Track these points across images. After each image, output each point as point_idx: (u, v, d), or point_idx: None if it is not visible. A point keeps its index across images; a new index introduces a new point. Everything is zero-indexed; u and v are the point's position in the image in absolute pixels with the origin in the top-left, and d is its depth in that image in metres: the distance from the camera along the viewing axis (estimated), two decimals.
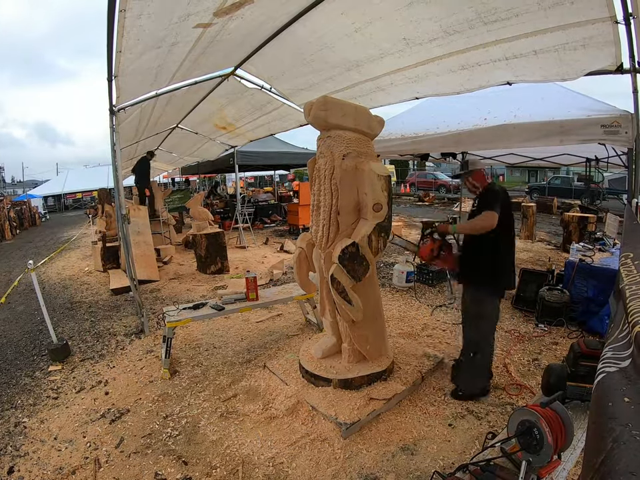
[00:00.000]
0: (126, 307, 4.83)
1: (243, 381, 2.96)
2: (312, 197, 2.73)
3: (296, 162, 11.00)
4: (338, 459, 2.13)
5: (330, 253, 2.57)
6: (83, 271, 6.84)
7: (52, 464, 2.19)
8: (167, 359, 3.07)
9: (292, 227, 10.30)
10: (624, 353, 0.92)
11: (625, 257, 1.58)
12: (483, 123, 3.64)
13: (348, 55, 3.14)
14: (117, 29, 2.09)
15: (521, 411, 1.38)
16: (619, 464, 0.63)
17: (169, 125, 6.39)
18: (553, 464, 1.31)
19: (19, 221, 13.72)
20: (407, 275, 5.15)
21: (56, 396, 2.89)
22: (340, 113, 2.49)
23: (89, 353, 3.59)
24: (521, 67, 2.77)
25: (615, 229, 4.43)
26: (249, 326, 4.07)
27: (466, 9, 2.29)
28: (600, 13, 2.04)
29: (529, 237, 8.16)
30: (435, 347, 3.42)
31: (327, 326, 3.05)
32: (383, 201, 2.45)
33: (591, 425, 0.82)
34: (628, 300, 1.09)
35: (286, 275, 5.92)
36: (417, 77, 3.26)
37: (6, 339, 4.03)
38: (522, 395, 2.68)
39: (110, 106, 3.49)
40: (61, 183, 23.48)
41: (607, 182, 14.17)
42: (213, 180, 17.11)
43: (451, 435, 2.31)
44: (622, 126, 2.70)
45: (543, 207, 12.62)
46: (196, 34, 2.51)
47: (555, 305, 3.78)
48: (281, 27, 2.90)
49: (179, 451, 2.24)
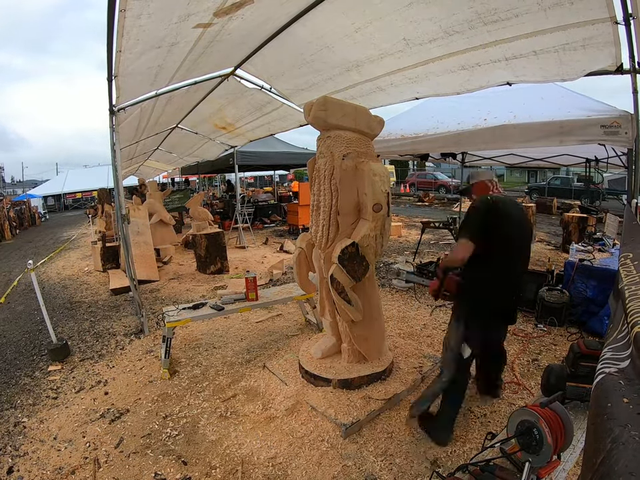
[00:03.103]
0: (125, 307, 4.83)
1: (242, 381, 2.96)
2: (312, 197, 2.73)
3: (296, 162, 11.01)
4: (338, 459, 2.13)
5: (330, 253, 2.57)
6: (82, 271, 6.84)
7: (51, 464, 2.18)
8: (167, 359, 3.07)
9: (292, 227, 10.30)
10: (623, 353, 0.92)
11: (624, 257, 1.58)
12: (482, 123, 3.64)
13: (348, 55, 3.14)
14: (116, 29, 2.09)
15: (520, 411, 1.39)
16: (617, 464, 0.63)
17: (169, 125, 6.39)
18: (553, 464, 1.31)
19: (19, 221, 13.72)
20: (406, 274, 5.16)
21: (55, 396, 2.89)
22: (340, 113, 2.49)
23: (88, 353, 3.59)
24: (521, 68, 2.77)
25: (615, 230, 4.43)
26: (248, 326, 4.07)
27: (466, 10, 2.29)
28: (600, 13, 2.04)
29: None
30: (435, 347, 3.42)
31: (326, 326, 3.05)
32: (382, 201, 2.46)
33: (590, 425, 0.82)
34: (627, 300, 1.10)
35: (286, 275, 5.91)
36: (417, 77, 3.26)
37: (5, 338, 4.03)
38: (520, 394, 2.68)
39: (110, 106, 3.49)
40: (60, 183, 23.49)
41: (607, 182, 14.18)
42: (225, 177, 17.27)
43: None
44: (622, 126, 2.71)
45: (543, 207, 12.64)
46: (196, 34, 2.51)
47: (555, 305, 3.78)
48: (281, 27, 2.90)
49: (178, 451, 2.24)
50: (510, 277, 2.15)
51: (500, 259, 2.09)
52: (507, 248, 2.09)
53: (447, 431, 2.23)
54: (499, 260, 2.09)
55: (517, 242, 2.14)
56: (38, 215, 16.42)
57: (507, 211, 2.13)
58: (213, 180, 23.76)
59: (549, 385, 1.73)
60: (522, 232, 2.18)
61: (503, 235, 2.07)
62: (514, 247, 2.13)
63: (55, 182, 24.61)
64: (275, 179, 24.12)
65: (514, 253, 2.14)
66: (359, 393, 2.62)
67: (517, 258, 2.17)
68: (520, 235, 2.16)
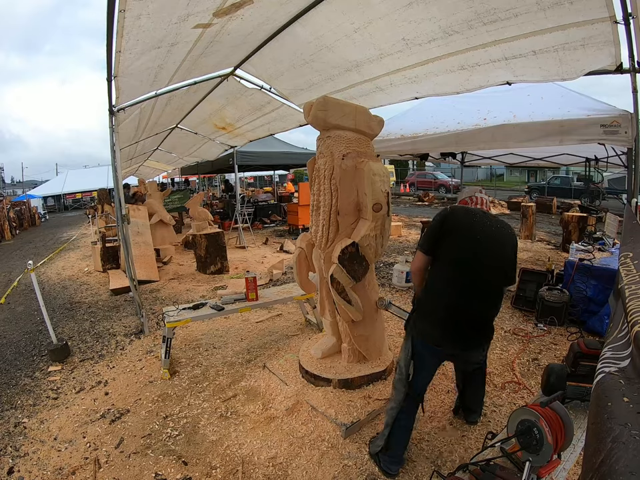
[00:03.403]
0: (125, 307, 4.83)
1: (242, 381, 2.96)
2: (312, 197, 2.73)
3: (296, 162, 11.01)
4: (338, 459, 2.13)
5: (330, 253, 2.57)
6: (82, 271, 6.84)
7: (52, 464, 2.18)
8: (167, 359, 3.07)
9: (291, 227, 10.30)
10: (623, 352, 0.92)
11: (624, 256, 1.58)
12: (482, 123, 3.64)
13: (347, 55, 3.14)
14: (116, 29, 2.09)
15: (520, 411, 1.39)
16: (618, 463, 0.63)
17: (169, 125, 6.39)
18: (553, 463, 1.31)
19: (19, 221, 13.72)
20: (407, 274, 5.15)
21: (56, 396, 2.89)
22: (340, 113, 2.49)
23: (88, 353, 3.59)
24: (521, 67, 2.77)
25: (615, 229, 4.43)
26: (248, 326, 4.07)
27: (465, 10, 2.29)
28: (599, 13, 2.04)
29: (529, 236, 8.16)
30: None
31: (326, 326, 3.05)
32: (382, 201, 2.46)
33: (590, 424, 0.82)
34: (627, 299, 1.10)
35: (286, 275, 5.91)
36: (417, 77, 3.26)
37: (6, 339, 4.03)
38: (520, 393, 2.68)
39: (109, 106, 3.49)
40: (60, 183, 23.49)
41: (607, 182, 14.18)
42: (224, 177, 17.17)
43: (450, 435, 2.31)
44: (621, 126, 2.71)
45: (543, 207, 12.63)
46: (195, 34, 2.51)
47: (555, 304, 3.78)
48: (281, 27, 2.90)
49: (178, 451, 2.24)
50: (463, 295, 1.86)
51: (449, 273, 1.90)
52: (456, 261, 1.88)
53: (398, 460, 2.03)
54: (448, 274, 1.90)
55: (473, 255, 1.85)
56: (38, 215, 16.42)
57: (462, 222, 1.90)
58: (213, 180, 23.76)
59: (549, 384, 1.73)
60: (482, 246, 1.85)
61: (452, 246, 1.88)
62: (466, 260, 1.86)
63: (54, 182, 24.62)
64: (274, 179, 24.13)
65: (467, 267, 1.86)
66: (360, 392, 2.62)
67: (475, 274, 1.86)
68: (481, 250, 1.85)
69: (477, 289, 1.87)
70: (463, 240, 1.87)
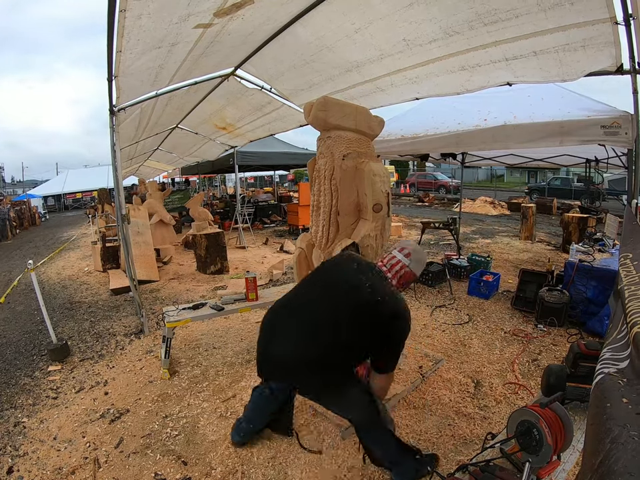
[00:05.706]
0: (125, 307, 4.83)
1: (242, 382, 2.95)
2: (312, 198, 2.73)
3: (296, 162, 11.01)
4: (338, 460, 2.13)
5: (330, 253, 2.57)
6: (82, 271, 6.84)
7: (51, 464, 2.18)
8: (167, 359, 3.07)
9: (292, 227, 10.30)
10: (622, 353, 0.93)
11: (624, 257, 1.58)
12: (483, 124, 3.64)
13: (348, 55, 3.14)
14: (116, 29, 2.09)
15: (520, 412, 1.38)
16: (616, 464, 0.63)
17: (169, 125, 6.39)
18: (553, 464, 1.31)
19: (19, 221, 13.73)
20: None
21: (55, 396, 2.89)
22: (340, 113, 2.49)
23: (88, 353, 3.59)
24: (521, 68, 2.78)
25: (615, 230, 4.43)
26: (248, 326, 4.07)
27: (466, 10, 2.29)
28: (600, 13, 2.04)
29: (529, 237, 8.16)
30: (435, 347, 3.42)
31: None
32: (383, 202, 2.46)
33: (589, 425, 0.82)
34: (626, 300, 1.10)
35: (286, 275, 5.91)
36: (417, 77, 3.26)
37: (5, 338, 4.03)
38: (520, 394, 2.68)
39: (110, 106, 3.49)
40: (60, 183, 23.51)
41: (607, 183, 14.18)
42: (225, 178, 17.08)
43: (450, 435, 2.31)
44: (622, 127, 2.71)
45: (543, 208, 12.64)
46: (196, 34, 2.52)
47: (555, 305, 3.78)
48: (281, 27, 2.90)
49: (178, 451, 2.24)
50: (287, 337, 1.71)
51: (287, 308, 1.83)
52: (292, 299, 1.86)
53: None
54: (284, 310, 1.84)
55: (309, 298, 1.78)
56: (38, 214, 16.44)
57: (321, 266, 2.02)
58: (213, 180, 23.77)
59: (549, 385, 1.73)
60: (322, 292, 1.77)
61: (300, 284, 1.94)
62: (300, 299, 1.82)
63: (55, 182, 24.64)
64: (275, 179, 24.14)
65: (297, 308, 1.78)
66: None
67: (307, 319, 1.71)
68: (321, 294, 1.76)
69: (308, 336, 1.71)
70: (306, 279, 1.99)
